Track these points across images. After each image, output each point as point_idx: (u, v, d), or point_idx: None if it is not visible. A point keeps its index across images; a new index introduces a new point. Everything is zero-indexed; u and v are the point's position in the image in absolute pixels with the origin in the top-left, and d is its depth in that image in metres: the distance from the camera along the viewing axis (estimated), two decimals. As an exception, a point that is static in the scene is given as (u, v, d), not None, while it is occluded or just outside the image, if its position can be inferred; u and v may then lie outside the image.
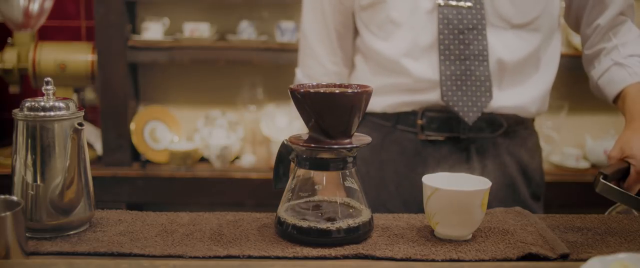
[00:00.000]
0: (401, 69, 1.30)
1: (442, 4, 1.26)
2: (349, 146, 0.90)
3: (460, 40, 1.26)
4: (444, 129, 1.30)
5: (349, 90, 0.90)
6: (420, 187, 0.96)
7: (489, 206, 1.24)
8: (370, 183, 1.37)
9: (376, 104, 1.35)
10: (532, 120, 1.39)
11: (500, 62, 1.28)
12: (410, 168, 1.33)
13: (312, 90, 0.89)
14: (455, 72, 1.26)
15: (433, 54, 1.28)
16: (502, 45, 1.27)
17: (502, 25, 1.27)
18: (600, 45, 1.33)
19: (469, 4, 1.25)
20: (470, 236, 0.95)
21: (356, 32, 1.43)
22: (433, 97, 1.29)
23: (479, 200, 0.92)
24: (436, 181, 0.94)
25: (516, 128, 1.34)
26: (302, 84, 0.93)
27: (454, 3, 1.26)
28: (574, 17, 1.37)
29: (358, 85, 0.93)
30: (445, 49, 1.26)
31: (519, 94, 1.30)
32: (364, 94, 0.90)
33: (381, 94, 1.34)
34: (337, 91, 0.90)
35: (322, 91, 0.89)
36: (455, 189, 0.92)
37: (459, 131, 1.30)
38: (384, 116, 1.36)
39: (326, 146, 0.90)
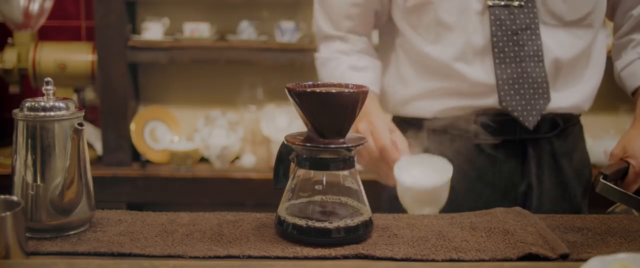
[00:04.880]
0: (454, 73, 1.25)
1: (492, 4, 1.21)
2: (344, 146, 0.90)
3: (515, 42, 1.21)
4: (500, 133, 1.26)
5: (346, 90, 0.90)
6: (474, 193, 0.99)
7: (542, 205, 1.28)
8: None
9: (426, 109, 1.30)
10: (580, 115, 1.36)
11: (555, 62, 1.24)
12: (464, 172, 1.26)
13: (308, 90, 0.89)
14: (512, 75, 1.22)
15: (487, 56, 1.23)
16: (556, 44, 1.24)
17: (555, 23, 1.23)
18: (631, 35, 1.31)
19: (520, 2, 1.21)
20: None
21: (391, 36, 1.38)
22: (489, 101, 1.24)
23: (446, 190, 0.97)
24: (405, 171, 1.05)
25: (568, 125, 1.31)
26: (299, 84, 0.93)
27: (504, 3, 1.21)
28: (611, 6, 1.34)
29: (354, 85, 0.93)
30: (500, 51, 1.22)
31: (573, 92, 1.27)
32: (360, 94, 0.89)
33: (431, 98, 1.29)
34: (333, 91, 0.90)
35: (317, 91, 0.89)
36: (423, 185, 1.04)
37: (515, 134, 1.26)
38: (433, 121, 1.30)
39: (322, 146, 0.90)
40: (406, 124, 1.36)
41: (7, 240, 0.78)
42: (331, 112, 0.89)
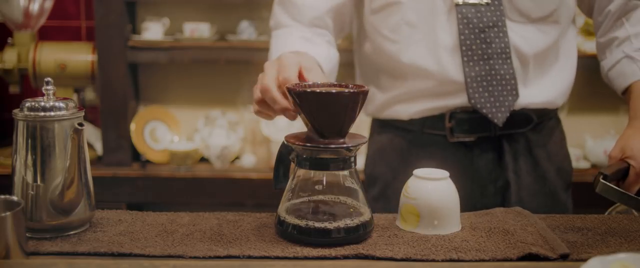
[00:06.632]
0: (423, 72, 1.26)
1: (459, 2, 1.22)
2: (344, 146, 0.90)
3: (482, 39, 1.23)
4: (474, 130, 1.27)
5: (346, 90, 0.90)
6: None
7: (521, 199, 1.29)
8: (400, 189, 1.34)
9: (401, 112, 1.31)
10: (557, 109, 1.37)
11: (522, 58, 1.25)
12: None
13: (308, 90, 0.89)
14: (480, 72, 1.23)
15: (455, 55, 1.24)
16: (523, 40, 1.25)
17: (522, 20, 1.25)
18: (613, 33, 1.30)
19: (487, 0, 1.22)
20: None
21: (359, 41, 1.38)
22: (460, 99, 1.25)
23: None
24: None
25: (543, 119, 1.32)
26: (299, 83, 0.93)
27: (471, 1, 1.22)
28: (587, 4, 1.35)
29: (354, 84, 0.93)
30: (468, 49, 1.23)
31: (544, 88, 1.29)
32: (361, 94, 0.89)
33: (405, 102, 1.30)
34: (333, 91, 0.90)
35: (317, 91, 0.89)
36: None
37: (490, 130, 1.27)
38: (410, 122, 1.32)
39: (322, 146, 0.90)
40: (386, 126, 1.38)
41: (7, 240, 0.78)
42: (331, 112, 0.89)
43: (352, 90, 0.89)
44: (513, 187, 1.30)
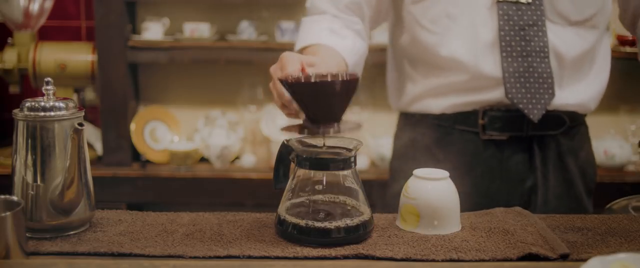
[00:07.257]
0: (461, 66, 1.26)
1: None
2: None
3: (521, 37, 1.23)
4: (507, 128, 1.27)
5: (336, 79, 0.90)
6: (479, 189, 0.97)
7: (547, 202, 1.28)
8: None
9: (433, 106, 1.31)
10: (585, 114, 1.37)
11: (559, 59, 1.26)
12: (470, 168, 1.28)
13: (302, 80, 0.89)
14: (518, 69, 1.24)
15: (495, 50, 1.24)
16: (561, 42, 1.25)
17: (561, 22, 1.26)
18: None
19: (528, 0, 1.23)
20: None
21: (396, 32, 1.38)
22: (495, 95, 1.26)
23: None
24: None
25: (575, 124, 1.33)
26: (291, 75, 0.94)
27: None
28: (631, 17, 1.36)
29: (346, 74, 0.93)
30: (507, 45, 1.23)
31: (578, 91, 1.29)
32: (351, 82, 0.89)
33: (438, 95, 1.30)
34: (324, 80, 0.90)
35: (312, 80, 0.90)
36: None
37: (522, 130, 1.27)
38: (441, 117, 1.31)
39: (314, 132, 0.90)
40: (415, 121, 1.37)
41: (7, 240, 0.78)
42: (323, 100, 0.89)
43: (342, 79, 0.90)
44: (540, 189, 1.29)
